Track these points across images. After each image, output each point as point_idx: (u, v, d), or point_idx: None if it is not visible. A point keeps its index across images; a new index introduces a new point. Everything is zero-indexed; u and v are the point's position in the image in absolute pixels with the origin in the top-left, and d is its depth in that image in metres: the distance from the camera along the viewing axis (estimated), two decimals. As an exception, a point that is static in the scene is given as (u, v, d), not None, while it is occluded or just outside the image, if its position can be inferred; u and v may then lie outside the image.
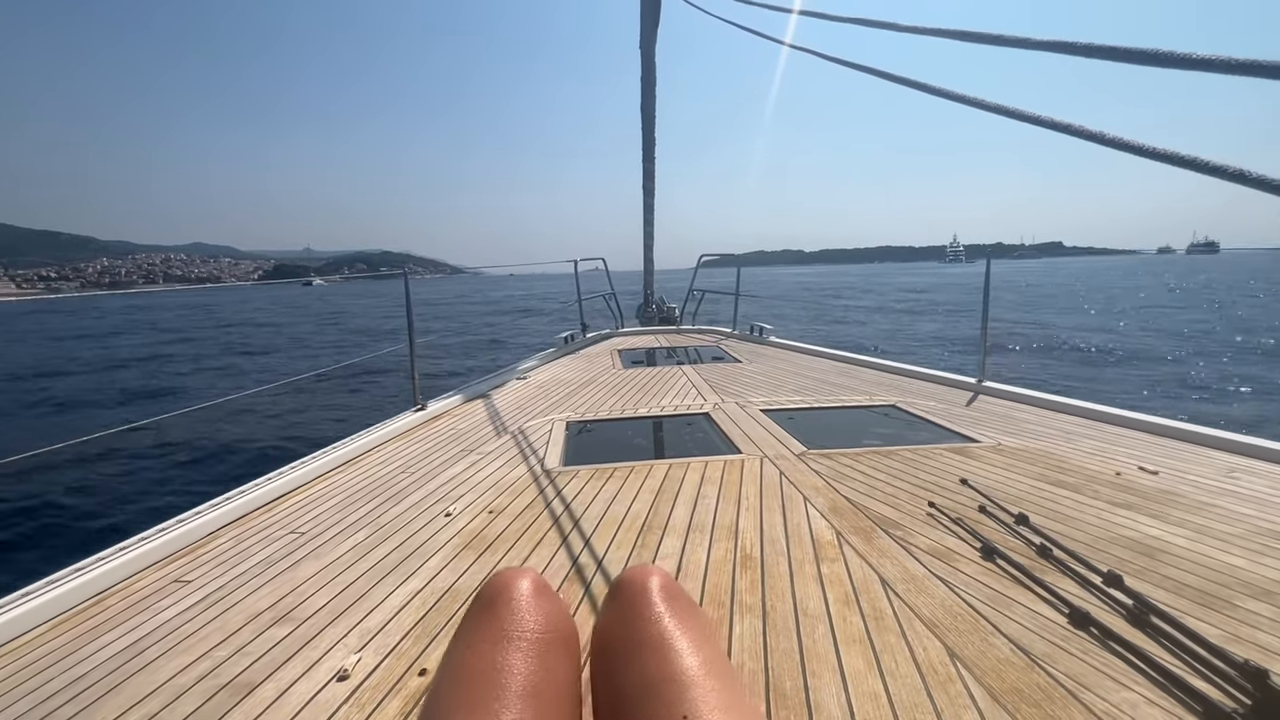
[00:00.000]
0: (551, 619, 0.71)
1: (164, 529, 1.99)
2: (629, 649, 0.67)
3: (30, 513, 5.46)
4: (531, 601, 0.72)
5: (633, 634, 0.69)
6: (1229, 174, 0.80)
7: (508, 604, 0.71)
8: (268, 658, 1.34)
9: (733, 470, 2.40)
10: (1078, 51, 1.14)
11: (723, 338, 6.63)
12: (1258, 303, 26.02)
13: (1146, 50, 1.00)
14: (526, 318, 24.15)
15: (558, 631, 0.71)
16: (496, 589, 0.74)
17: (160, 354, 17.89)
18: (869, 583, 1.54)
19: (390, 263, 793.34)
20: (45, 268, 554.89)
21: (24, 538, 5.03)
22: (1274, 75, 0.82)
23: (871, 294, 42.03)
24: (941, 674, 1.18)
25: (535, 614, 0.71)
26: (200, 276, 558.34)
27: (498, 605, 0.71)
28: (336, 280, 41.89)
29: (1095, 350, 13.82)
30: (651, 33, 6.36)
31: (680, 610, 0.71)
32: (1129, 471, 2.31)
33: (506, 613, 0.70)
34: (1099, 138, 1.02)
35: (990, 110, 1.29)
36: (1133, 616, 1.35)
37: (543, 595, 0.74)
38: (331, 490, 2.43)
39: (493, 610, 0.71)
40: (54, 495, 5.86)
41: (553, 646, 0.69)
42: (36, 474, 6.26)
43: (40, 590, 1.62)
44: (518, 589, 0.73)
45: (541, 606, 0.72)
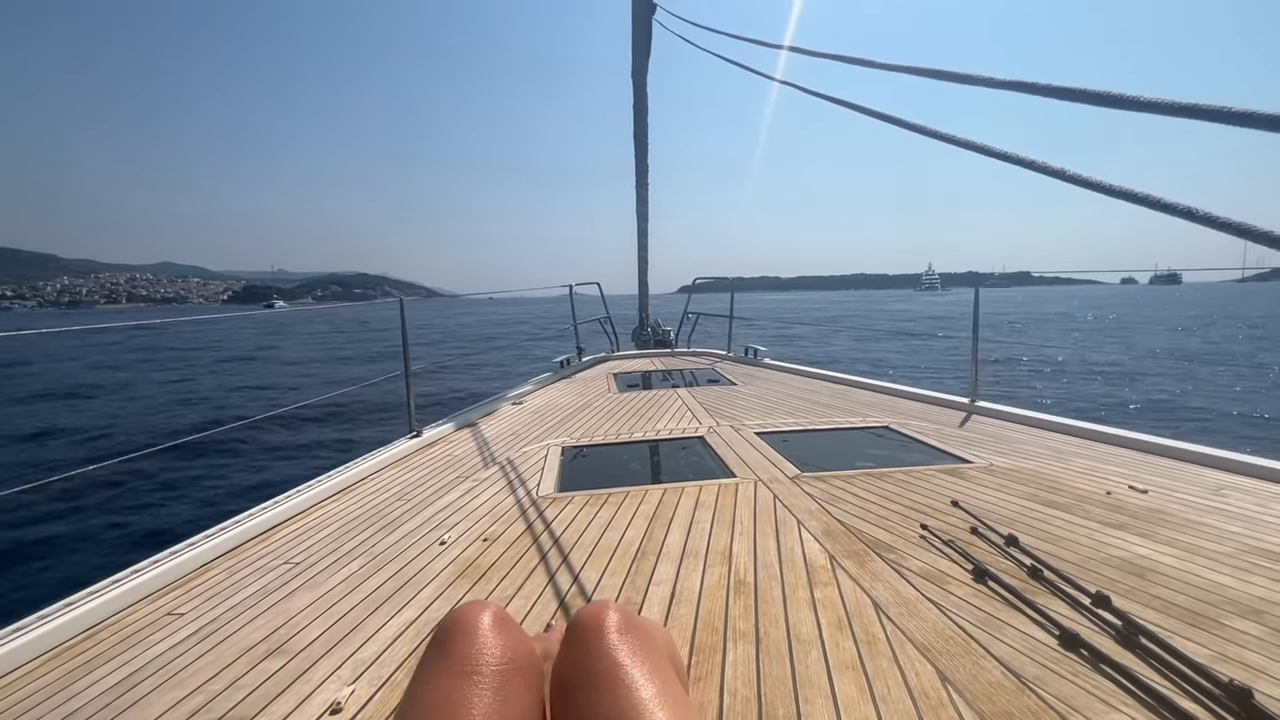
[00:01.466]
0: (510, 650, 0.72)
1: (157, 561, 1.97)
2: (584, 684, 0.68)
3: (20, 545, 5.34)
4: (490, 634, 0.72)
5: (587, 669, 0.69)
6: (1178, 210, 0.86)
7: (466, 637, 0.71)
8: (261, 691, 1.33)
9: (727, 494, 2.41)
10: (1039, 91, 1.21)
11: (717, 360, 6.68)
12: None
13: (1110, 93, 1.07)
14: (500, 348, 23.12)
15: (516, 662, 0.71)
16: (452, 624, 0.74)
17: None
18: (862, 607, 1.54)
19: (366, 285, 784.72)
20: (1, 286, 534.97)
21: (11, 571, 4.88)
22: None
23: (876, 317, 42.25)
24: (933, 699, 1.19)
25: (494, 646, 0.71)
26: (166, 296, 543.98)
27: (455, 639, 0.71)
28: (308, 303, 40.46)
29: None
30: (643, 63, 6.53)
31: (634, 644, 0.72)
32: (1119, 491, 2.33)
33: (464, 646, 0.70)
34: (1061, 174, 1.08)
35: (962, 146, 1.36)
36: (1121, 637, 1.36)
37: (502, 627, 0.74)
38: (326, 519, 2.42)
39: (449, 646, 0.71)
40: (40, 529, 5.66)
41: (511, 678, 0.69)
42: (22, 508, 6.04)
43: (31, 625, 1.60)
44: (475, 622, 0.73)
45: (500, 638, 0.72)
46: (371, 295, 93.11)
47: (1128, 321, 37.24)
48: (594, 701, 0.65)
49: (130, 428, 10.51)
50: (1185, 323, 33.39)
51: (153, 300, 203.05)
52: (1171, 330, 29.11)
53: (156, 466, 7.45)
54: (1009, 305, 68.05)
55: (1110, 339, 26.13)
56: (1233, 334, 26.24)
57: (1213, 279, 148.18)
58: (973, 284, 4.06)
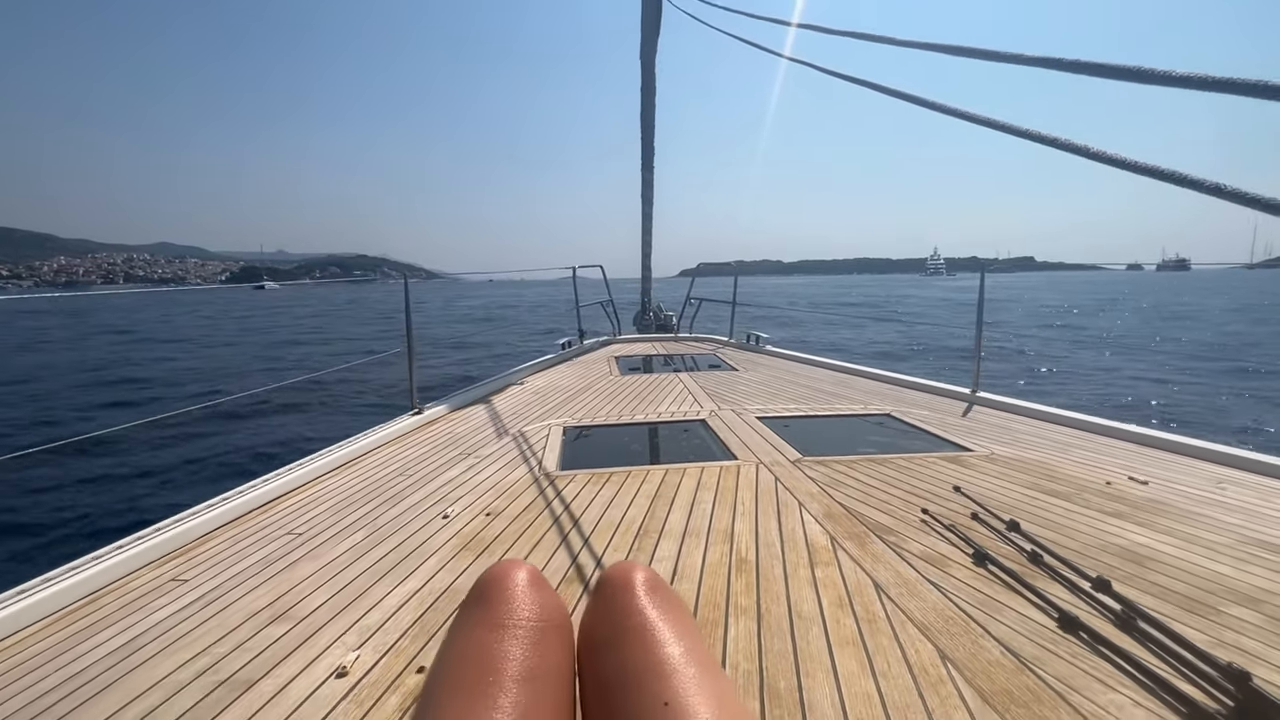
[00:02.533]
0: (546, 609, 0.73)
1: (160, 529, 1.97)
2: (612, 640, 0.69)
3: (14, 512, 5.34)
4: (527, 591, 0.73)
5: (616, 625, 0.70)
6: (1206, 187, 0.84)
7: (503, 593, 0.72)
8: (266, 654, 1.34)
9: (729, 476, 2.42)
10: (1065, 68, 1.19)
11: (719, 346, 6.67)
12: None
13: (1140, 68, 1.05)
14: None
15: (552, 620, 0.72)
16: (492, 579, 0.75)
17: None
18: (862, 586, 1.56)
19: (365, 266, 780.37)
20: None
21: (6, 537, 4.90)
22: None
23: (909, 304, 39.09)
24: (933, 675, 1.20)
25: (530, 603, 0.72)
26: (164, 277, 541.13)
27: (492, 595, 0.72)
28: (308, 285, 40.90)
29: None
30: (652, 43, 6.43)
31: (662, 603, 0.73)
32: (1119, 481, 2.34)
33: (501, 602, 0.71)
34: (1085, 151, 1.06)
35: (980, 123, 1.32)
36: (1120, 621, 1.38)
37: (537, 586, 0.75)
38: (328, 492, 2.42)
39: (488, 600, 0.72)
40: (38, 496, 5.67)
41: (547, 634, 0.70)
42: (16, 474, 6.07)
43: (35, 588, 1.61)
44: (513, 580, 0.74)
45: (536, 596, 0.73)
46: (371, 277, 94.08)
47: (1195, 309, 31.88)
48: (623, 657, 0.66)
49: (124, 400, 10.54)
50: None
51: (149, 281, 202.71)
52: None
53: (138, 438, 7.47)
54: (1038, 292, 61.93)
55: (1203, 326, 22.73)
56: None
57: (1220, 266, 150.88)
58: (978, 269, 4.03)
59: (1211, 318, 26.68)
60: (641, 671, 0.63)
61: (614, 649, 0.68)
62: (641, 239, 7.73)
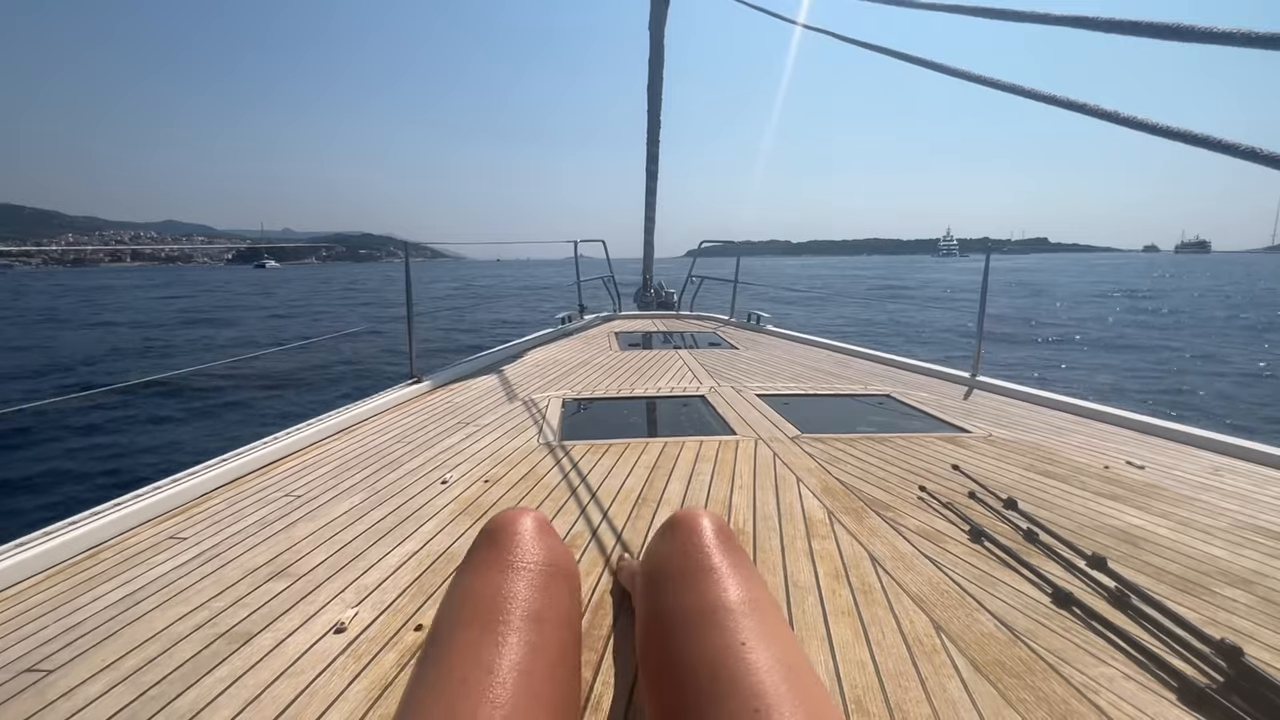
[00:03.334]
0: (553, 554, 0.74)
1: (159, 487, 1.98)
2: (684, 577, 0.70)
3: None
4: (535, 537, 0.75)
5: (689, 564, 0.72)
6: (1240, 151, 0.82)
7: (511, 537, 0.74)
8: (265, 609, 1.35)
9: (727, 450, 2.43)
10: (1099, 27, 1.14)
11: (720, 324, 6.66)
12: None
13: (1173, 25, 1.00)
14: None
15: (559, 565, 0.73)
16: (501, 524, 0.77)
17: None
18: (859, 559, 1.57)
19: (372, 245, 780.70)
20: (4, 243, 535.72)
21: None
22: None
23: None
24: (927, 645, 1.22)
25: (538, 548, 0.74)
26: (170, 255, 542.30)
27: (501, 538, 0.74)
28: (314, 262, 40.87)
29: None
30: (661, 13, 6.30)
31: (732, 549, 0.75)
32: (1116, 465, 2.35)
33: (510, 545, 0.73)
34: (1114, 116, 1.03)
35: (1004, 89, 1.29)
36: (1114, 598, 1.39)
37: (545, 532, 0.77)
38: (326, 456, 2.43)
39: (497, 542, 0.74)
40: (33, 454, 5.73)
41: (554, 579, 0.71)
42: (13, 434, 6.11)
43: (35, 541, 1.63)
44: (521, 525, 0.76)
45: (544, 542, 0.75)
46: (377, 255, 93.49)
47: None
48: (696, 592, 0.68)
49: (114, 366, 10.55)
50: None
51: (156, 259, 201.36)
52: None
53: (137, 402, 7.48)
54: (1065, 274, 59.38)
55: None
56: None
57: (1239, 247, 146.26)
58: (993, 250, 3.99)
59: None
60: (715, 609, 0.65)
61: (687, 586, 0.69)
62: (645, 214, 7.65)
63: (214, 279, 63.98)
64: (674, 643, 0.65)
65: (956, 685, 1.11)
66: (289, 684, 1.11)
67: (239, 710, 1.05)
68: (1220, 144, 0.85)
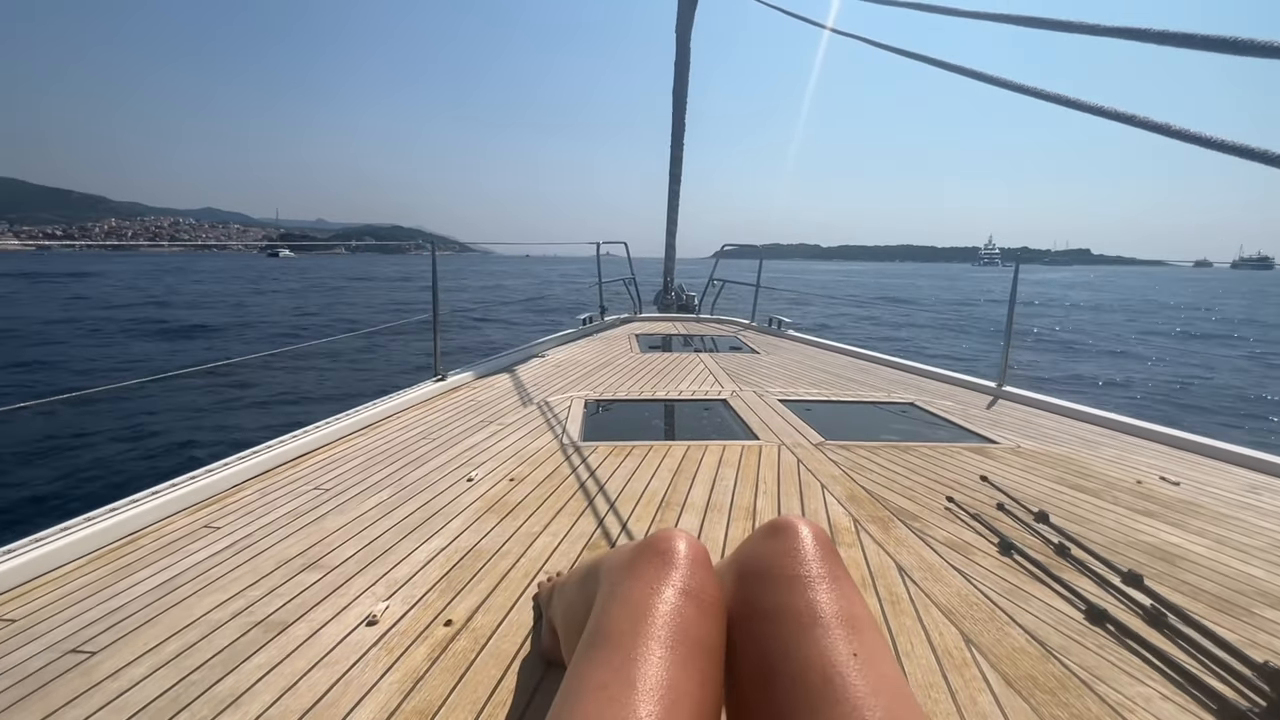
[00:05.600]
0: (711, 583, 0.74)
1: (193, 477, 2.03)
2: (793, 581, 0.70)
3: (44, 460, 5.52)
4: (707, 566, 0.75)
5: (800, 570, 0.71)
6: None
7: (694, 562, 0.74)
8: (299, 600, 1.38)
9: (750, 455, 2.42)
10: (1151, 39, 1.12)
11: (740, 328, 6.63)
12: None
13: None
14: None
15: (715, 595, 0.74)
16: (680, 544, 0.76)
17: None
18: (885, 568, 1.55)
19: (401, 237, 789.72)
20: (52, 226, 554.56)
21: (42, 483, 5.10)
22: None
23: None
24: (957, 658, 1.20)
25: (712, 579, 0.74)
26: (206, 242, 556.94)
27: (680, 559, 0.74)
28: (341, 252, 41.58)
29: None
30: (689, 16, 6.33)
31: (837, 560, 0.75)
32: (1150, 480, 2.30)
33: (691, 569, 0.73)
34: (1166, 129, 1.01)
35: (1050, 100, 1.27)
36: (1150, 616, 1.36)
37: (704, 559, 0.77)
38: (353, 451, 2.47)
39: (675, 562, 0.73)
40: (67, 443, 5.91)
41: (714, 606, 0.71)
42: (38, 421, 6.30)
43: (78, 526, 1.67)
44: (697, 550, 0.76)
45: (712, 572, 0.75)
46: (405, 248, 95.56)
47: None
48: (806, 600, 0.68)
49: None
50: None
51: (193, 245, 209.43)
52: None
53: (164, 391, 7.67)
54: (1132, 290, 53.06)
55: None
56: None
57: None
58: (1027, 260, 3.92)
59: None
60: (822, 618, 0.65)
61: (793, 590, 0.69)
62: (667, 216, 7.65)
63: (221, 265, 64.92)
64: (781, 642, 0.66)
65: (988, 699, 1.09)
66: (324, 673, 1.14)
67: (277, 697, 1.07)
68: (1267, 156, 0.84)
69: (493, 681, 1.11)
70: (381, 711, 1.04)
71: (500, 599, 1.39)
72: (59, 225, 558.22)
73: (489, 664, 1.16)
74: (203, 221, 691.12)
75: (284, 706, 1.05)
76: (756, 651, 0.67)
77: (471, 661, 1.17)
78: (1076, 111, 1.23)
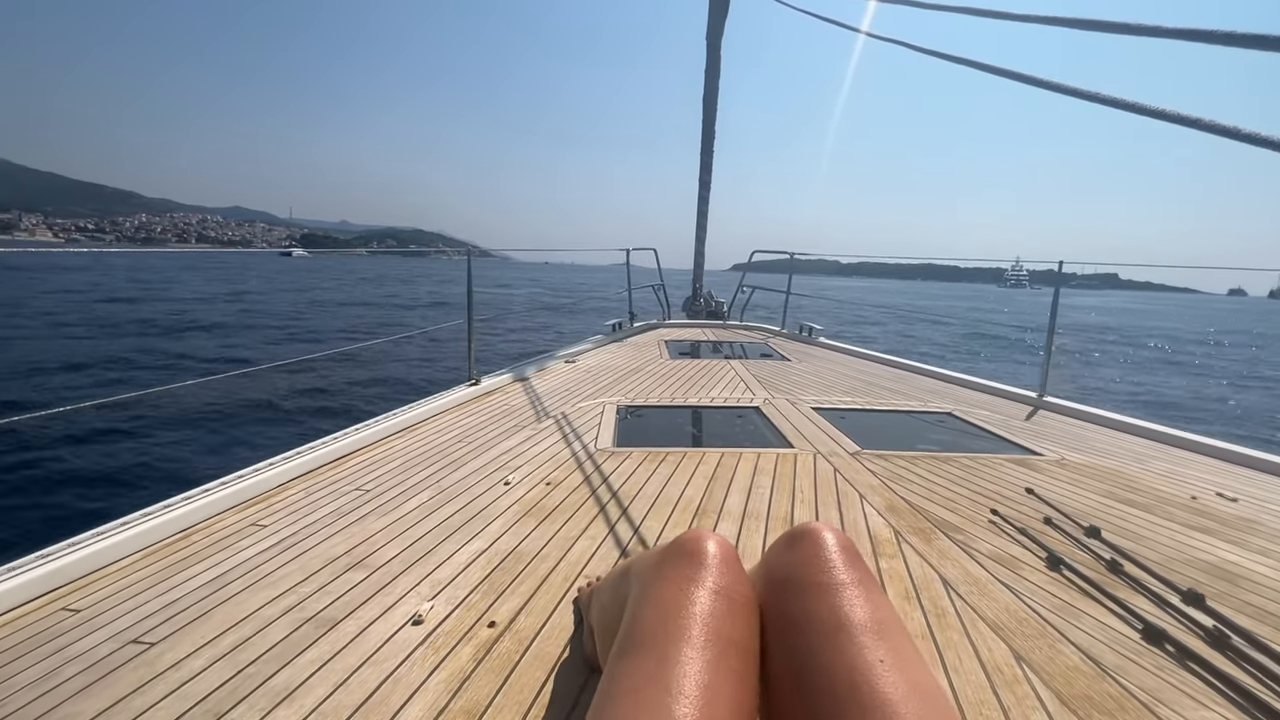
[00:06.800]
0: (743, 582, 0.75)
1: (241, 476, 2.09)
2: (818, 589, 0.70)
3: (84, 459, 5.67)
4: (739, 565, 0.76)
5: (823, 577, 0.71)
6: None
7: (725, 562, 0.75)
8: (346, 598, 1.41)
9: (785, 463, 2.40)
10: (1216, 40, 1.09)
11: (770, 335, 6.59)
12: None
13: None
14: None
15: (747, 594, 0.74)
16: (710, 544, 0.77)
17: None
18: (929, 581, 1.52)
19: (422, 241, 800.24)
20: (85, 219, 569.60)
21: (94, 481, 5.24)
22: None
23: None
24: (1007, 675, 1.17)
25: (743, 578, 0.75)
26: (232, 240, 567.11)
27: (711, 559, 0.74)
28: (363, 253, 42.98)
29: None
30: (720, 23, 6.33)
31: (861, 566, 0.74)
32: (1205, 496, 2.23)
33: (723, 568, 0.73)
34: (1236, 133, 0.99)
35: (1087, 99, 1.26)
36: (1212, 638, 1.31)
37: (734, 559, 0.77)
38: (392, 453, 2.51)
39: (706, 563, 0.74)
40: (98, 447, 6.03)
41: (747, 606, 0.72)
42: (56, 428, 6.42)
43: (135, 521, 1.73)
44: (729, 550, 0.77)
45: (734, 568, 0.75)
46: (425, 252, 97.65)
47: None
48: (831, 606, 0.68)
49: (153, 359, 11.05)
50: None
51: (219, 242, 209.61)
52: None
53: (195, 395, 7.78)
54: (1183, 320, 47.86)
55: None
56: None
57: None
58: (1054, 283, 3.89)
59: None
60: (848, 625, 0.65)
61: (817, 597, 0.69)
62: (696, 222, 7.65)
63: (232, 261, 65.77)
64: (806, 650, 0.65)
65: (1042, 718, 1.07)
66: (373, 671, 1.15)
67: (330, 692, 1.09)
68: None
69: (537, 684, 1.11)
70: (430, 710, 1.05)
71: (541, 602, 1.40)
72: (91, 219, 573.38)
73: (533, 666, 1.16)
74: (230, 219, 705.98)
75: (336, 702, 1.07)
76: (784, 660, 0.67)
77: (516, 663, 1.17)
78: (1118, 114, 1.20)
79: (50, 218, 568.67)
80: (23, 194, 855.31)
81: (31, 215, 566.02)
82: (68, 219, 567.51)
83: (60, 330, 13.87)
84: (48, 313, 16.65)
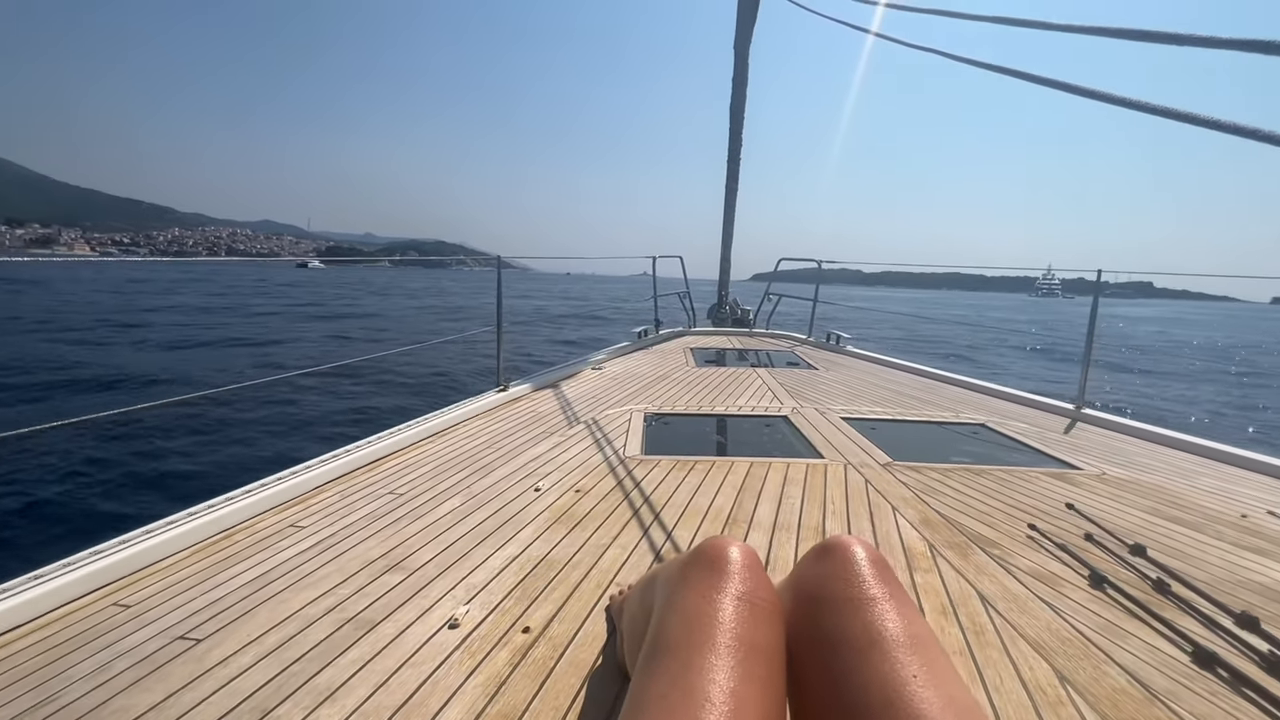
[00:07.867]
0: (768, 589, 0.75)
1: (280, 478, 2.14)
2: (848, 603, 0.70)
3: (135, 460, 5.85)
4: (762, 572, 0.76)
5: (852, 591, 0.71)
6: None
7: (749, 570, 0.75)
8: (384, 600, 1.43)
9: (816, 474, 2.38)
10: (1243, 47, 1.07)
11: (797, 344, 6.53)
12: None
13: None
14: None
15: (773, 601, 0.74)
16: (733, 551, 0.77)
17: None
18: (966, 597, 1.49)
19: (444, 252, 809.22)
20: (121, 233, 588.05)
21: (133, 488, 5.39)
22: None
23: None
24: (1050, 695, 1.14)
25: (768, 585, 0.75)
26: (260, 252, 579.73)
27: (735, 566, 0.75)
28: (385, 265, 43.25)
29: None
30: (747, 32, 6.36)
31: (892, 579, 0.74)
32: (1256, 514, 2.14)
33: (747, 576, 0.74)
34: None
35: (1110, 101, 1.24)
36: (1268, 663, 1.26)
37: (758, 565, 0.77)
38: (424, 458, 2.55)
39: (729, 570, 0.74)
40: (140, 450, 6.19)
41: (773, 613, 0.72)
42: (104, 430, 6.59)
43: (180, 520, 1.79)
44: (752, 557, 0.77)
45: (759, 575, 0.76)
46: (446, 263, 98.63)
47: None
48: (863, 620, 0.67)
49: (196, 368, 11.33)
50: None
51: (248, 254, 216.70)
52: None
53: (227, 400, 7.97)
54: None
55: None
56: None
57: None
58: (1087, 292, 3.80)
59: None
60: (881, 639, 0.65)
61: (848, 612, 0.69)
62: (722, 230, 7.63)
63: (245, 273, 67.14)
64: (839, 667, 0.65)
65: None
66: (412, 673, 1.17)
67: (371, 692, 1.11)
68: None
69: (573, 690, 1.12)
70: (469, 713, 1.06)
71: (574, 608, 1.40)
72: (126, 233, 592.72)
73: (568, 672, 1.17)
74: (259, 233, 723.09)
75: (377, 702, 1.08)
76: (817, 677, 0.67)
77: (551, 669, 1.18)
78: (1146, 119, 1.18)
79: (88, 232, 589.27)
80: (62, 209, 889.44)
81: (70, 230, 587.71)
82: (104, 233, 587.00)
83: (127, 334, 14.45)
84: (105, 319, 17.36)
